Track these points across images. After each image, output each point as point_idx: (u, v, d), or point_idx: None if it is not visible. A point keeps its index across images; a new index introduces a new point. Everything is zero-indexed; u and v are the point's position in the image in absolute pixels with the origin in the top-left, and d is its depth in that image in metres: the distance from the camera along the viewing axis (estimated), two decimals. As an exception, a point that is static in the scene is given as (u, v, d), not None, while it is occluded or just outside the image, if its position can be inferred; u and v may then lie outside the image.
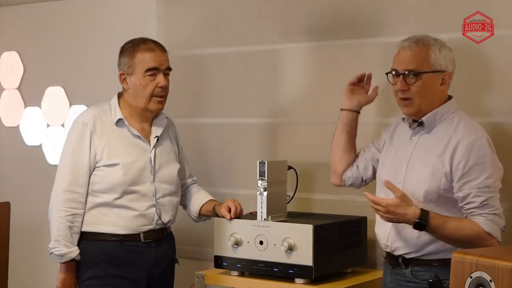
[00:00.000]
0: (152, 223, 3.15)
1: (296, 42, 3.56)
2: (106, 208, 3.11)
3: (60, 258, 3.09)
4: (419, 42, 2.74)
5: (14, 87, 4.63)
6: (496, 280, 2.17)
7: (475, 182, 2.63)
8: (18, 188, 4.57)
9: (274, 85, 3.65)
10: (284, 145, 3.62)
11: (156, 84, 3.10)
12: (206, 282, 3.19)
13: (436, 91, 2.74)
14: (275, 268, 3.02)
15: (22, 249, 4.49)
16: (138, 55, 3.11)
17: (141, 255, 3.15)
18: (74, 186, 3.08)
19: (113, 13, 4.21)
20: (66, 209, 3.07)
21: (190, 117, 3.88)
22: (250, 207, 3.29)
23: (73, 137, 3.13)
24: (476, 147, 2.65)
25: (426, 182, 2.69)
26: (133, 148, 3.14)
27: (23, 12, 4.58)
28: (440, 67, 2.73)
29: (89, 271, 3.13)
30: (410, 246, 2.73)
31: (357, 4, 3.38)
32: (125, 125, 3.14)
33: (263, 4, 3.65)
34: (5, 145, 4.68)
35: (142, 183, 3.12)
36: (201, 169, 3.82)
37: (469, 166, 2.63)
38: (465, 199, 2.65)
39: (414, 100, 2.74)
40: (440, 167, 2.67)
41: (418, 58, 2.73)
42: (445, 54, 2.73)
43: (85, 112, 3.24)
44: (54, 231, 3.08)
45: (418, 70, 2.72)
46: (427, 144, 2.74)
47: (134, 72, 3.11)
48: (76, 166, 3.09)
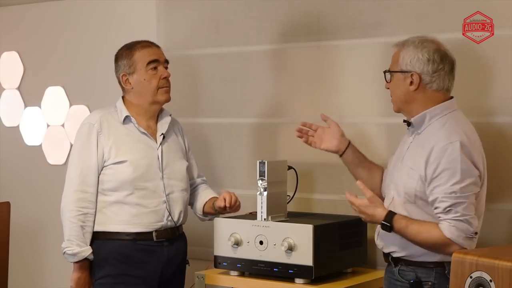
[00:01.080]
0: (163, 220, 3.17)
1: (296, 42, 3.56)
2: (117, 207, 3.14)
3: (73, 258, 3.11)
4: (400, 42, 2.77)
5: (14, 87, 4.63)
6: (496, 280, 2.17)
7: (443, 187, 2.60)
8: (18, 188, 4.57)
9: (274, 85, 3.65)
10: (284, 145, 3.62)
11: (160, 76, 3.18)
12: (206, 282, 3.19)
13: (407, 92, 2.72)
14: (275, 268, 3.02)
15: (22, 249, 4.49)
16: (136, 53, 3.18)
17: (154, 254, 3.17)
18: (84, 186, 3.12)
19: (113, 13, 4.21)
20: (77, 209, 3.11)
21: (190, 117, 3.88)
22: (250, 207, 3.29)
23: (81, 139, 3.19)
24: (448, 151, 2.61)
25: (406, 183, 2.70)
26: (140, 145, 3.18)
27: (23, 12, 4.58)
28: (406, 67, 2.71)
29: (102, 270, 3.15)
30: (393, 245, 2.75)
31: (357, 4, 3.38)
32: (132, 122, 3.18)
33: (263, 4, 3.65)
34: (5, 145, 4.68)
35: (151, 179, 3.16)
36: (201, 169, 3.81)
37: (439, 171, 2.61)
38: (433, 204, 2.63)
39: (392, 98, 2.80)
40: (417, 169, 2.67)
41: (393, 59, 2.78)
42: (414, 55, 2.70)
43: (91, 114, 3.30)
44: (66, 231, 3.12)
45: (390, 70, 2.78)
46: (416, 145, 2.73)
47: (136, 69, 3.17)
48: (84, 167, 3.14)
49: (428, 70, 2.70)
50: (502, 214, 2.98)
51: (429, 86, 2.71)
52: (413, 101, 2.73)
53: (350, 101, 3.42)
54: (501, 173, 3.01)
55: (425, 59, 2.70)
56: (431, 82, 2.71)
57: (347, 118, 3.41)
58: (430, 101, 2.72)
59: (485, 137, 3.00)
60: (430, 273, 2.67)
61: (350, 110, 3.42)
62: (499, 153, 3.02)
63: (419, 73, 2.70)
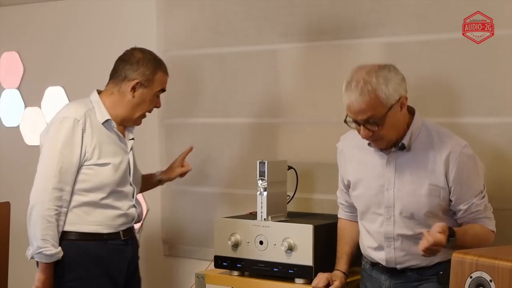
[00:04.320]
0: (132, 222, 3.22)
1: (296, 42, 3.56)
2: (90, 207, 3.09)
3: (49, 258, 3.02)
4: (363, 90, 2.57)
5: (14, 87, 4.63)
6: (496, 280, 2.17)
7: (473, 190, 2.67)
8: (18, 188, 4.55)
9: (274, 85, 3.65)
10: (284, 145, 3.62)
11: (155, 104, 3.21)
12: (206, 282, 3.19)
13: (400, 119, 2.67)
14: (275, 268, 3.02)
15: (22, 249, 4.46)
16: (159, 74, 3.18)
17: (121, 253, 3.19)
18: (62, 184, 3.04)
19: (113, 13, 4.21)
20: (55, 208, 3.02)
21: (190, 117, 3.88)
22: (250, 207, 3.29)
23: (64, 133, 3.06)
24: (466, 155, 2.65)
25: (426, 203, 2.68)
26: (118, 149, 3.17)
27: (23, 12, 4.58)
28: (394, 99, 2.61)
29: (73, 272, 3.09)
30: (420, 261, 2.72)
31: (357, 4, 3.38)
32: (111, 126, 3.15)
33: (263, 4, 3.65)
34: (5, 145, 4.68)
35: (125, 183, 3.18)
36: (201, 169, 3.82)
37: (465, 176, 2.65)
38: (469, 209, 2.69)
39: (383, 138, 2.68)
40: (435, 183, 2.66)
41: (371, 106, 2.58)
42: (393, 85, 2.60)
43: (74, 108, 3.15)
44: (40, 230, 2.99)
45: (377, 117, 2.60)
46: (410, 164, 2.70)
47: (150, 86, 3.15)
48: (66, 163, 3.04)
49: (405, 88, 2.66)
50: (502, 214, 2.98)
51: (406, 104, 2.68)
52: (401, 127, 2.69)
53: (350, 101, 3.41)
54: (501, 173, 3.01)
55: (400, 81, 2.63)
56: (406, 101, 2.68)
57: (347, 118, 3.41)
58: (407, 116, 2.70)
59: (485, 137, 3.01)
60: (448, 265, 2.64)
61: (350, 110, 3.42)
62: (499, 153, 3.02)
63: (405, 94, 2.65)
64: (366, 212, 2.82)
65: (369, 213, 2.81)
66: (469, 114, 2.82)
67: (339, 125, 3.32)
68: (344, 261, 2.95)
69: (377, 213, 2.78)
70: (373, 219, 2.79)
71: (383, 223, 2.76)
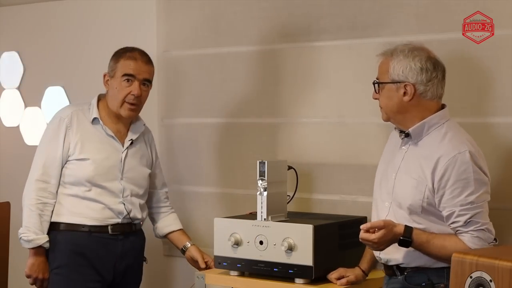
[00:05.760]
0: (120, 217, 3.27)
1: (296, 42, 3.56)
2: (75, 200, 3.25)
3: (27, 244, 3.22)
4: (388, 51, 2.71)
5: (14, 87, 4.63)
6: (496, 280, 2.17)
7: (458, 198, 2.57)
8: (18, 188, 4.53)
9: (274, 85, 3.65)
10: (284, 145, 3.62)
11: (129, 91, 3.24)
12: (206, 282, 3.19)
13: (400, 102, 2.67)
14: (275, 268, 3.02)
15: (22, 249, 4.48)
16: (121, 61, 3.27)
17: (108, 247, 3.27)
18: (45, 177, 3.25)
19: (113, 13, 4.21)
20: (37, 198, 3.23)
21: (190, 117, 3.88)
22: (250, 207, 3.29)
23: (50, 131, 3.31)
24: (458, 162, 2.57)
25: (410, 195, 2.65)
26: (105, 146, 3.29)
27: (23, 12, 4.58)
28: (398, 77, 2.65)
29: (57, 260, 3.25)
30: (403, 258, 2.70)
31: (357, 4, 3.38)
32: (100, 124, 3.28)
33: (263, 4, 3.65)
34: (5, 145, 4.68)
35: (110, 180, 3.26)
36: (201, 169, 3.82)
37: (451, 182, 2.57)
38: (449, 218, 2.60)
39: (382, 109, 2.74)
40: (423, 180, 2.63)
41: (381, 69, 2.71)
42: (406, 65, 2.64)
43: (64, 108, 3.42)
44: (25, 218, 3.23)
45: (379, 81, 2.71)
46: (414, 156, 2.69)
47: (115, 75, 3.28)
48: (49, 158, 3.26)
49: (422, 79, 2.65)
50: (502, 214, 2.98)
51: (423, 95, 2.67)
52: (407, 112, 2.69)
53: (350, 101, 3.42)
54: (501, 173, 3.01)
55: (418, 68, 2.65)
56: (426, 91, 2.66)
57: (347, 118, 3.41)
58: (426, 110, 2.68)
59: (485, 137, 3.01)
60: (441, 275, 2.62)
61: (350, 110, 3.42)
62: (499, 153, 3.02)
63: (413, 83, 2.65)
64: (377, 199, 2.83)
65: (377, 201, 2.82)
66: (468, 114, 2.82)
67: (339, 125, 3.33)
68: (366, 260, 3.00)
69: (382, 199, 2.79)
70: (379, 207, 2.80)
71: (379, 207, 2.78)
